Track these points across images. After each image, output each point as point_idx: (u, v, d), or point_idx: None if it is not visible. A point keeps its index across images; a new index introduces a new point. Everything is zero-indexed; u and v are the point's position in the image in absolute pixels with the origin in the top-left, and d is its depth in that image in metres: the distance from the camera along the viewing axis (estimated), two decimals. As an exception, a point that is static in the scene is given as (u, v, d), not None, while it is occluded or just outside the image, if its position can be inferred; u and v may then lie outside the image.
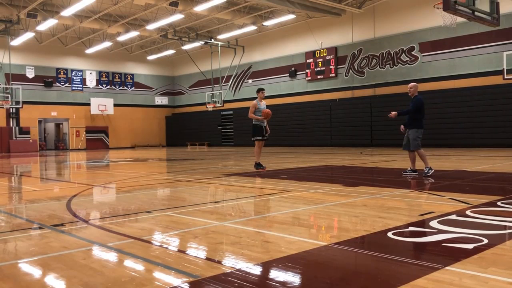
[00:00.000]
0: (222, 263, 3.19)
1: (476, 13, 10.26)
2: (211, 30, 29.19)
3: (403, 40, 22.26)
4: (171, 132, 37.52)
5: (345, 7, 22.29)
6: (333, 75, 25.35)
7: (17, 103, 29.06)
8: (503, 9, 12.84)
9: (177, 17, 23.93)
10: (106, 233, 4.28)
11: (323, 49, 25.84)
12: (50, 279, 2.95)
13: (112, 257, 3.46)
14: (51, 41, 29.90)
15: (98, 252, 3.60)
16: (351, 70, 24.65)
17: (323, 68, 25.89)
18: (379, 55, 23.32)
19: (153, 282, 2.83)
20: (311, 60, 26.54)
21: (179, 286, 2.72)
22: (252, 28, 27.08)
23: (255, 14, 25.18)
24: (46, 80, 31.48)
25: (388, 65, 22.93)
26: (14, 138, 29.78)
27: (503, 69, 17.76)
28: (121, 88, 35.39)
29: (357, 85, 24.34)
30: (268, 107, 11.11)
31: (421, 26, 21.38)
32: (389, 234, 3.90)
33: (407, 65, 22.15)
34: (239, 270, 2.99)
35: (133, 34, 27.60)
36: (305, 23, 26.35)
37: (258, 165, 10.84)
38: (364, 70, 24.02)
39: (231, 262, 3.19)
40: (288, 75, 27.96)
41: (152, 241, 3.91)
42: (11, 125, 30.12)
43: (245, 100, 29.98)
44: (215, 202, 6.38)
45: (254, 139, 10.81)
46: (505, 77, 17.68)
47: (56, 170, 13.87)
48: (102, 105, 33.48)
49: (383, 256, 3.27)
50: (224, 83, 31.29)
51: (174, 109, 38.27)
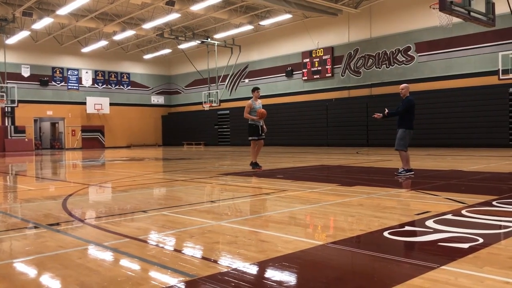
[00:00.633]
0: (219, 262, 3.18)
1: (472, 13, 10.30)
2: (207, 29, 29.16)
3: (399, 40, 22.31)
4: (167, 132, 37.45)
5: (341, 7, 22.32)
6: (330, 75, 25.38)
7: (13, 102, 28.89)
8: (499, 10, 12.87)
9: (173, 16, 23.89)
10: (102, 232, 4.27)
11: (319, 49, 25.86)
12: (46, 278, 2.94)
13: (108, 256, 3.45)
14: (46, 39, 29.78)
15: (94, 252, 3.59)
16: (347, 70, 24.68)
17: (319, 68, 25.91)
18: (375, 55, 23.37)
19: (149, 281, 2.82)
20: (307, 60, 26.56)
21: (175, 286, 2.72)
22: (248, 27, 27.07)
23: (252, 14, 25.17)
24: (41, 79, 31.36)
25: (384, 65, 22.99)
26: (9, 137, 29.65)
27: (499, 69, 17.83)
28: (117, 87, 35.29)
29: (353, 85, 24.38)
30: (264, 106, 11.11)
31: (417, 26, 21.44)
32: (385, 234, 3.91)
33: (403, 65, 22.20)
34: (235, 269, 2.99)
35: (129, 33, 27.54)
36: (302, 22, 26.36)
37: (255, 164, 10.86)
38: (361, 70, 24.06)
39: (227, 262, 3.19)
40: (284, 74, 27.97)
41: (148, 241, 3.90)
42: (6, 124, 29.99)
43: (241, 100, 29.96)
44: (211, 201, 6.37)
45: (250, 138, 10.84)
46: (501, 77, 17.75)
47: (51, 169, 13.81)
48: (98, 104, 33.39)
49: (379, 256, 3.27)
50: (220, 82, 31.26)
51: (170, 108, 38.21)
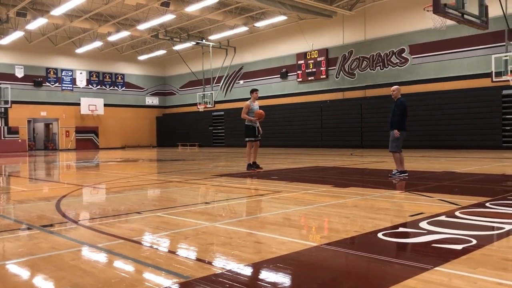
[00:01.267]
0: (213, 264, 3.18)
1: (465, 16, 10.35)
2: (202, 30, 29.14)
3: (393, 42, 22.39)
4: (162, 133, 37.35)
5: (336, 9, 22.38)
6: (324, 76, 25.42)
7: (6, 102, 28.73)
8: (492, 13, 12.96)
9: (168, 17, 23.85)
10: (96, 233, 4.25)
11: (314, 50, 25.91)
12: (39, 280, 2.92)
13: (102, 258, 3.44)
14: (41, 40, 29.61)
15: (87, 253, 3.58)
16: (341, 72, 24.74)
17: (314, 70, 25.95)
18: (369, 57, 23.45)
19: (143, 283, 2.81)
20: (302, 62, 26.60)
21: (169, 287, 2.71)
22: (243, 29, 27.08)
23: (247, 15, 25.19)
24: (35, 79, 31.18)
25: (379, 67, 23.06)
26: (2, 138, 29.45)
27: (492, 71, 17.94)
28: (111, 88, 35.17)
29: (347, 86, 24.45)
30: (259, 108, 11.13)
31: (411, 28, 21.53)
32: (379, 235, 3.92)
33: (397, 67, 22.29)
34: (229, 270, 2.99)
35: (124, 34, 27.45)
36: (297, 24, 26.41)
37: (250, 165, 10.87)
38: (355, 72, 24.13)
39: (221, 263, 3.18)
40: (279, 76, 27.99)
41: (143, 242, 3.89)
42: (-1, 125, 29.83)
43: (236, 101, 29.95)
44: (206, 203, 6.36)
45: (247, 139, 10.86)
46: (494, 79, 17.85)
47: (45, 170, 13.74)
48: (92, 105, 33.25)
49: (373, 257, 3.28)
50: (215, 83, 31.23)
51: (165, 109, 38.12)
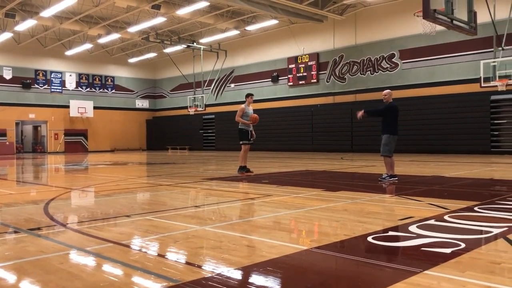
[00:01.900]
0: (203, 267, 3.16)
1: (454, 22, 10.45)
2: (193, 33, 29.11)
3: (383, 47, 22.57)
4: (152, 136, 37.18)
5: (327, 13, 22.51)
6: (315, 80, 25.53)
7: (-6, 104, 28.45)
8: (481, 19, 13.13)
9: (159, 20, 23.81)
10: (85, 237, 4.21)
11: (305, 54, 26.01)
12: (26, 284, 2.88)
13: (90, 261, 3.40)
14: (30, 42, 29.34)
15: (76, 257, 3.54)
16: (332, 76, 24.86)
17: (305, 74, 26.05)
18: (360, 61, 23.60)
19: (132, 286, 2.79)
20: (293, 66, 26.68)
21: (158, 291, 2.69)
22: (235, 32, 27.10)
23: (238, 19, 25.22)
24: (24, 81, 30.88)
25: (369, 71, 23.22)
26: (-10, 140, 29.13)
27: (480, 77, 18.14)
28: (101, 90, 34.94)
29: (338, 91, 24.56)
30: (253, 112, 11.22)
31: (402, 33, 21.72)
32: (369, 239, 3.94)
33: (387, 71, 22.46)
34: (219, 274, 2.97)
35: (114, 36, 27.31)
36: (288, 28, 26.50)
37: (242, 168, 10.90)
38: (345, 76, 24.26)
39: (211, 267, 3.17)
40: (270, 80, 28.05)
41: (132, 246, 3.86)
42: (-13, 127, 29.46)
43: (227, 104, 29.94)
44: (196, 206, 6.34)
45: (241, 143, 10.94)
46: (482, 85, 18.05)
47: (33, 173, 13.59)
48: (81, 108, 32.99)
49: (363, 261, 3.29)
50: (206, 87, 31.18)
51: (155, 112, 37.96)
